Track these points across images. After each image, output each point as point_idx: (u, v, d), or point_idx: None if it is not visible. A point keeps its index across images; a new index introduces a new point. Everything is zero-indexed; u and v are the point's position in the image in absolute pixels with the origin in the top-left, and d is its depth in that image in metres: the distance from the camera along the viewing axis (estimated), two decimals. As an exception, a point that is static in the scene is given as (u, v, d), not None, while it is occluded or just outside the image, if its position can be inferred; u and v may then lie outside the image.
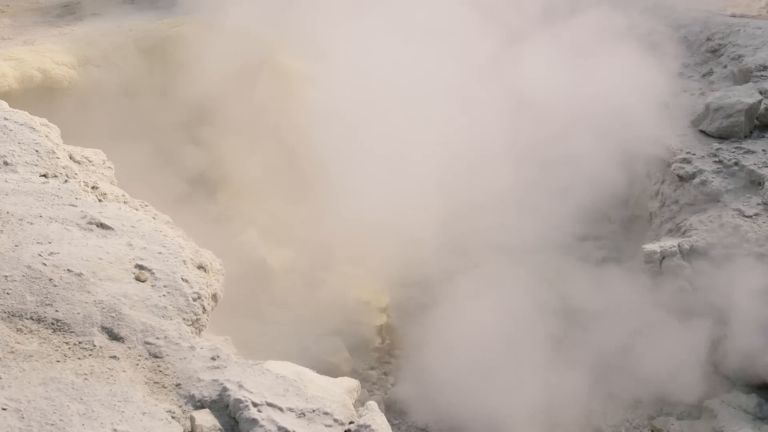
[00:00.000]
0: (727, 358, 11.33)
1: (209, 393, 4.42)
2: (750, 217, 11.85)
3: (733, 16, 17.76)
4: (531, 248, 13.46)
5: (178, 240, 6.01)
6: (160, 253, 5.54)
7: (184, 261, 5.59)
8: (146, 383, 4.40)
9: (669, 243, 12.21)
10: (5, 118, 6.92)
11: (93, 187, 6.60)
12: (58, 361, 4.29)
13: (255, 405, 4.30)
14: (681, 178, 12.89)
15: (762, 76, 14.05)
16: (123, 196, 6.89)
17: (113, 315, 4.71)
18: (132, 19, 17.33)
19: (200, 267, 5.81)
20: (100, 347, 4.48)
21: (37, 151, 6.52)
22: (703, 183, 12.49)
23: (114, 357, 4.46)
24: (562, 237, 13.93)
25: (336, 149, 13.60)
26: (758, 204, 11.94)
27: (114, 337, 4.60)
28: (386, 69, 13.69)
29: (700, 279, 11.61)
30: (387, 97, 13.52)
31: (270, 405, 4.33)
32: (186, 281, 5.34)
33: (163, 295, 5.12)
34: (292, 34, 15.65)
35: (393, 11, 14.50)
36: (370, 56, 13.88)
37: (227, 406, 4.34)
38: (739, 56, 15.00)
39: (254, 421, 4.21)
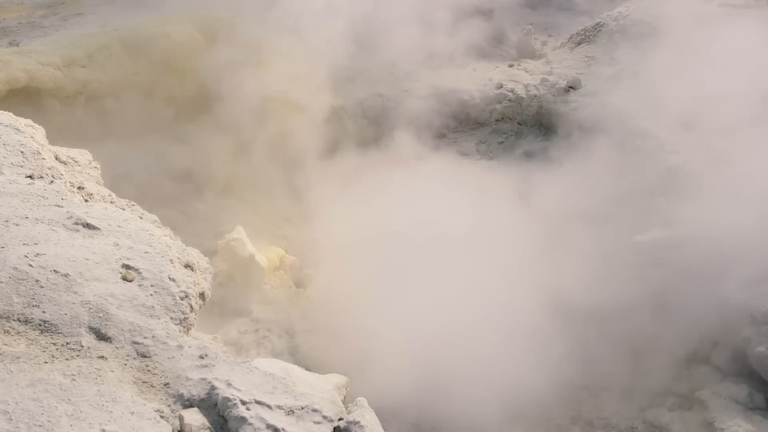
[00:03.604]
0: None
1: (198, 392, 4.41)
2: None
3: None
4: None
5: (165, 239, 5.99)
6: (146, 252, 5.52)
7: (171, 260, 5.57)
8: (134, 383, 4.38)
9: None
10: (-11, 120, 6.89)
11: (79, 188, 6.58)
12: (45, 362, 4.27)
13: (244, 403, 4.29)
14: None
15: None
16: (109, 195, 6.86)
17: (100, 315, 4.69)
18: (117, 19, 17.31)
19: (187, 266, 5.79)
20: (88, 348, 4.46)
21: (22, 152, 6.49)
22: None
23: (102, 357, 4.44)
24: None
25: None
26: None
27: (101, 337, 4.58)
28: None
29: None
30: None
31: (259, 403, 4.32)
32: (173, 280, 5.32)
33: (151, 295, 5.10)
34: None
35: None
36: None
37: (216, 404, 4.33)
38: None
39: (243, 420, 4.20)
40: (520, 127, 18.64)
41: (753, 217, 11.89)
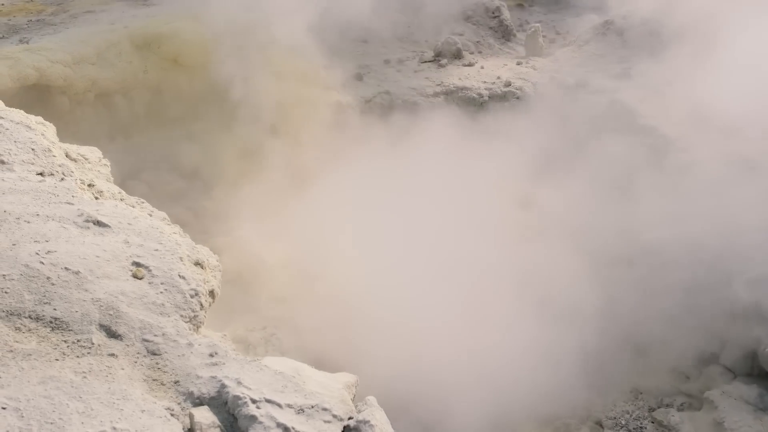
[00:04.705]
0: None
1: (208, 390, 4.41)
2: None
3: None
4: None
5: (175, 237, 5.99)
6: (156, 250, 5.52)
7: (181, 258, 5.57)
8: (145, 381, 4.38)
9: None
10: (1, 117, 6.89)
11: (89, 185, 6.59)
12: (56, 360, 4.28)
13: (254, 401, 4.29)
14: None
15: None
16: (119, 193, 6.87)
17: (111, 313, 4.70)
18: (126, 16, 17.33)
19: (197, 263, 5.79)
20: (99, 345, 4.47)
21: (33, 149, 6.50)
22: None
23: (112, 355, 4.44)
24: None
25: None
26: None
27: (112, 334, 4.59)
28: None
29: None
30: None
31: (269, 401, 4.32)
32: (183, 278, 5.32)
33: (161, 293, 5.10)
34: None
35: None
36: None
37: (226, 402, 4.33)
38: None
39: (253, 418, 4.20)
40: (527, 125, 18.59)
41: (763, 215, 11.85)
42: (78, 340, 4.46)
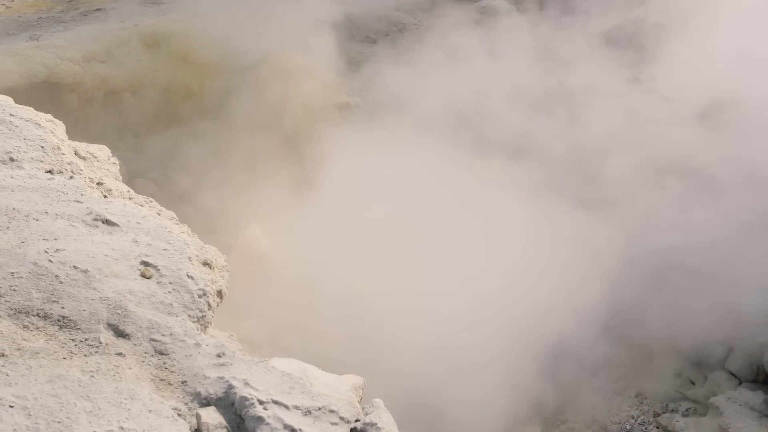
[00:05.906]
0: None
1: (215, 390, 4.41)
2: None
3: None
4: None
5: (183, 236, 5.98)
6: (165, 249, 5.52)
7: (190, 257, 5.57)
8: (152, 380, 4.38)
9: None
10: (11, 114, 6.90)
11: (98, 183, 6.59)
12: (64, 358, 4.28)
13: (261, 403, 4.29)
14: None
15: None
16: (128, 192, 6.86)
17: (119, 312, 4.70)
18: (135, 15, 17.37)
19: (205, 263, 5.78)
20: (106, 344, 4.47)
21: (42, 147, 6.50)
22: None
23: (120, 354, 4.44)
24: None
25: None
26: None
27: (120, 334, 4.59)
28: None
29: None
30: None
31: (276, 403, 4.32)
32: (191, 278, 5.32)
33: (169, 292, 5.10)
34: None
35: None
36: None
37: (233, 403, 4.33)
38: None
39: (260, 419, 4.20)
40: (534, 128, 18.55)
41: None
42: (86, 339, 4.47)
